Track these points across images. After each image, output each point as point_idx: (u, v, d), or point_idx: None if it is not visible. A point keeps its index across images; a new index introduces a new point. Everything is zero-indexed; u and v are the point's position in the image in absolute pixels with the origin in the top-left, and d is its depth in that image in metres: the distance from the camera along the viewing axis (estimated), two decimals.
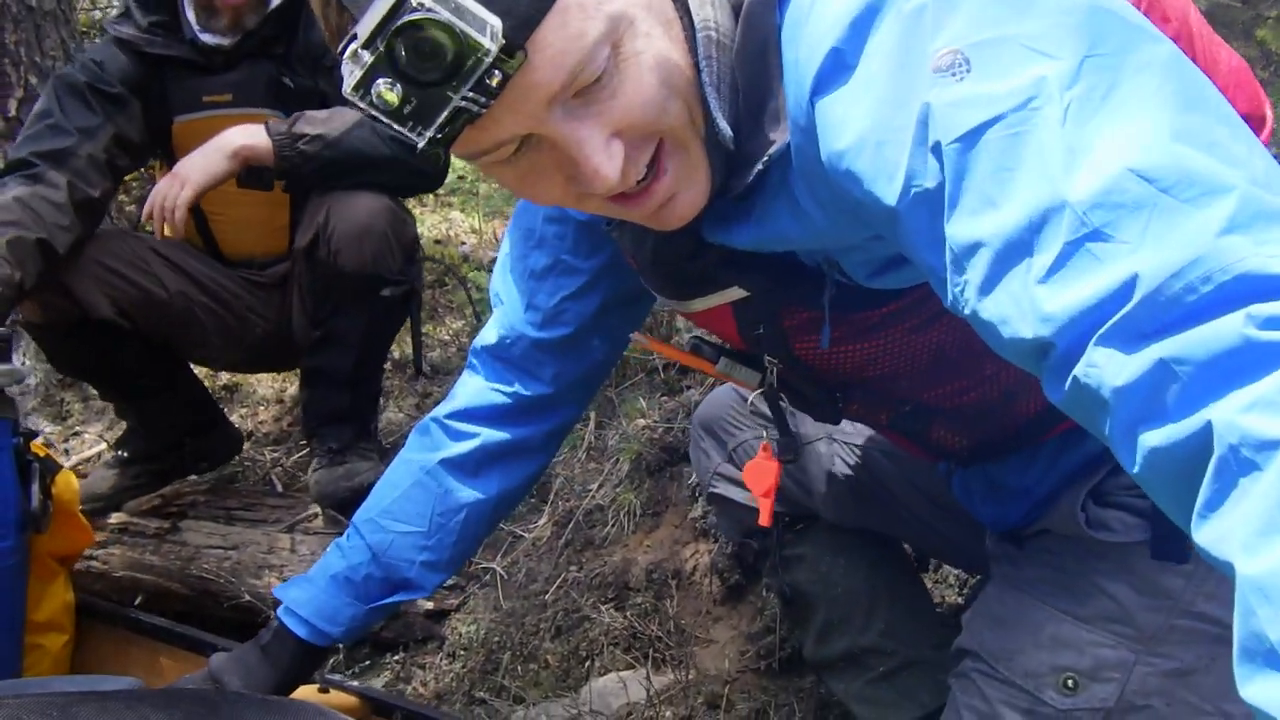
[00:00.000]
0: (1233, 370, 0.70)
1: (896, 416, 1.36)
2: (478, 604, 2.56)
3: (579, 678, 2.30)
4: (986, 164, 0.82)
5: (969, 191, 0.83)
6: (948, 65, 0.85)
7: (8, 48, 3.62)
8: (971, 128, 0.83)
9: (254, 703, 1.10)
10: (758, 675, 2.19)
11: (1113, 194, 0.77)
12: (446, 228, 4.36)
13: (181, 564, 2.74)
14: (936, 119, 0.85)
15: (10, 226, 2.34)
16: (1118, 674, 1.22)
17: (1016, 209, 0.80)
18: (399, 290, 2.64)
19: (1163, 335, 0.73)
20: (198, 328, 2.74)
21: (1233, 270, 0.72)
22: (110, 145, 2.58)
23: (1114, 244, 0.76)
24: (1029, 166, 0.80)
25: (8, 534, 2.05)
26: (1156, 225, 0.75)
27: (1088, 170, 0.78)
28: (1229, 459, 0.68)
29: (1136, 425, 0.74)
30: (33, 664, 2.20)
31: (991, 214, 0.82)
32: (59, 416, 3.68)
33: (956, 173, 0.83)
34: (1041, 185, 0.79)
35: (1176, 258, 0.73)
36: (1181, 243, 0.74)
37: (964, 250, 0.84)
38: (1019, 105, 0.81)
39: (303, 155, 2.46)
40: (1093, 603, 1.24)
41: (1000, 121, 0.82)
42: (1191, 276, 0.73)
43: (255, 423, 3.52)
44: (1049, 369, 0.82)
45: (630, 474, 2.62)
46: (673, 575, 2.40)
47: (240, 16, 2.60)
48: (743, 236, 1.08)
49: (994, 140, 0.82)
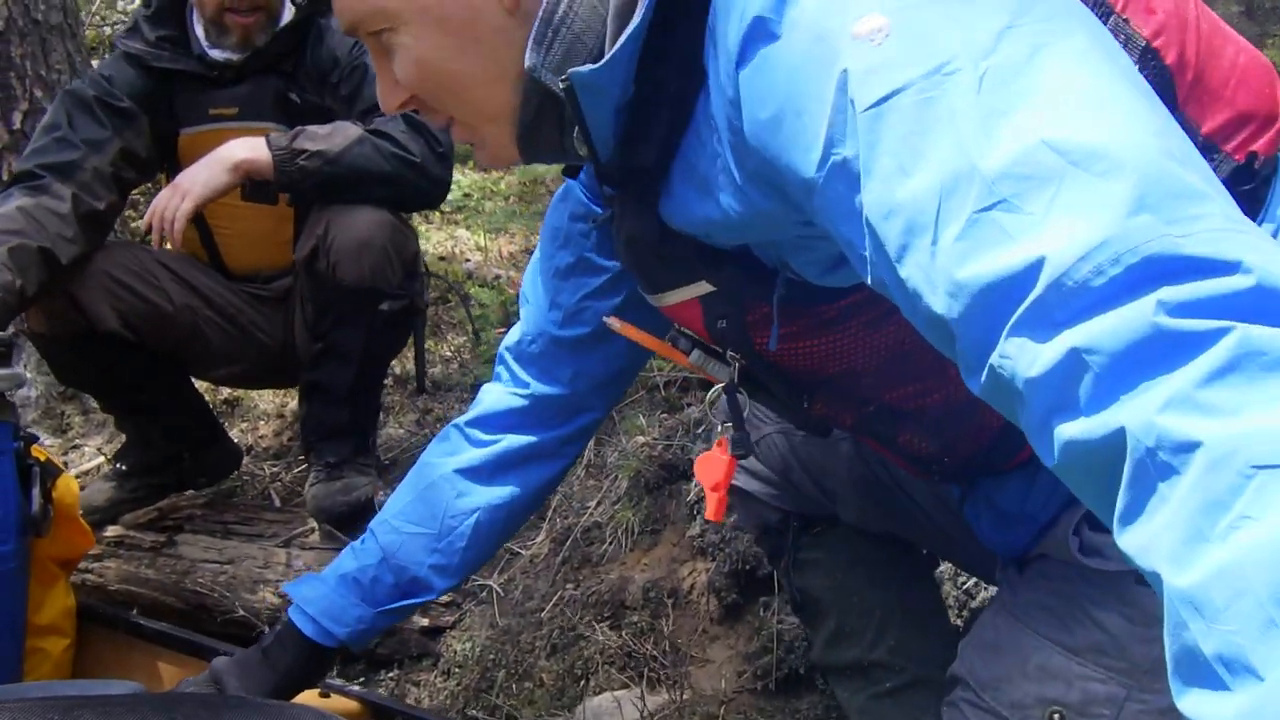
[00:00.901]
0: (1145, 360, 0.68)
1: (861, 418, 1.33)
2: (473, 621, 2.55)
3: (574, 697, 2.29)
4: (898, 130, 0.81)
5: (881, 159, 0.82)
6: (867, 32, 0.84)
7: (14, 61, 3.63)
8: (885, 94, 0.82)
9: (255, 707, 1.10)
10: (754, 696, 2.19)
11: (1022, 164, 0.76)
12: (452, 245, 4.37)
13: (177, 578, 2.73)
14: (853, 85, 0.84)
15: (13, 235, 2.36)
16: (1107, 710, 1.16)
17: (927, 176, 0.79)
18: (398, 305, 2.64)
19: (1073, 322, 0.71)
20: (202, 342, 2.75)
21: (1141, 252, 0.70)
22: (117, 159, 2.60)
23: (1020, 215, 0.75)
24: (940, 133, 0.80)
25: (8, 538, 2.04)
26: (1065, 199, 0.74)
27: (998, 139, 0.77)
28: (1146, 463, 0.66)
29: (1051, 417, 0.73)
30: (33, 668, 2.19)
31: (903, 181, 0.81)
32: (59, 429, 3.68)
33: (870, 141, 0.83)
34: (952, 152, 0.79)
35: (1084, 238, 0.71)
36: (1090, 221, 0.72)
37: (878, 219, 0.83)
38: (932, 70, 0.81)
39: (302, 171, 2.47)
40: (1083, 632, 1.19)
41: (912, 87, 0.81)
42: (1100, 259, 0.71)
43: (255, 437, 3.52)
44: (962, 357, 0.81)
45: (629, 491, 2.62)
46: (670, 594, 2.40)
47: (250, 34, 2.63)
48: (690, 216, 1.11)
49: (906, 106, 0.81)
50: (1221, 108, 1.12)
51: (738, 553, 2.29)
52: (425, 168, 2.55)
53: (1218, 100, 1.12)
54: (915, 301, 0.82)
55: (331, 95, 2.68)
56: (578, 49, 1.06)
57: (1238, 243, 0.70)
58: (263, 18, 2.63)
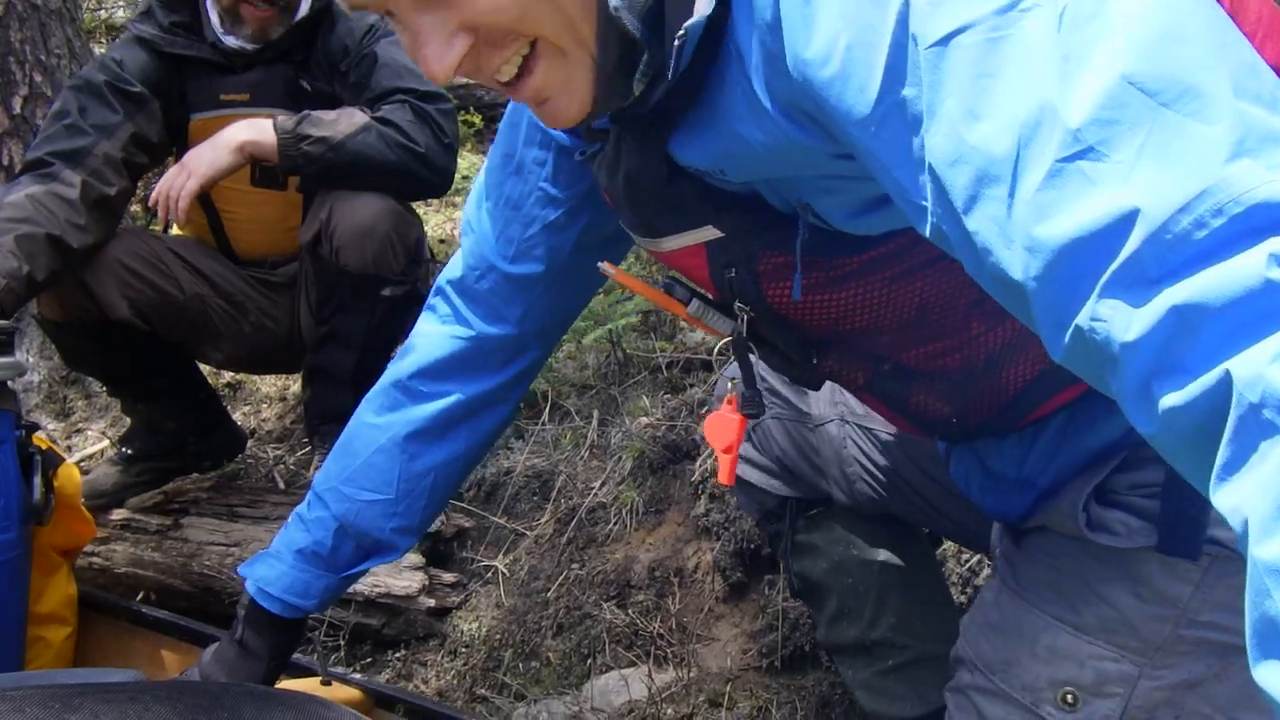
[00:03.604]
0: (1256, 317, 0.63)
1: (874, 377, 1.26)
2: (479, 602, 2.56)
3: (580, 675, 2.30)
4: (968, 70, 0.76)
5: (948, 100, 0.76)
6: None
7: (13, 46, 3.63)
8: (952, 29, 0.76)
9: (256, 695, 1.09)
10: (759, 673, 2.19)
11: (1108, 108, 0.70)
12: (451, 227, 4.36)
13: (183, 561, 2.74)
14: (915, 19, 0.78)
15: (20, 223, 2.36)
16: (1121, 689, 1.13)
17: (1001, 120, 0.74)
18: (401, 290, 2.64)
19: (1174, 279, 0.66)
20: (211, 329, 2.76)
21: (1246, 201, 0.65)
22: (128, 144, 2.60)
23: (1109, 164, 0.69)
24: (1016, 74, 0.74)
25: (10, 526, 2.05)
26: (1156, 144, 0.68)
27: (1081, 80, 0.71)
28: (1249, 419, 0.62)
29: (1150, 382, 0.68)
30: (35, 656, 2.20)
31: (973, 125, 0.75)
32: (62, 413, 3.69)
33: (934, 80, 0.77)
34: (1029, 95, 0.73)
35: (1183, 187, 0.66)
36: (1187, 169, 0.67)
37: (943, 166, 0.77)
38: (1006, 5, 0.75)
39: (306, 155, 2.47)
40: (1092, 611, 1.15)
41: (983, 23, 0.75)
42: (1200, 210, 0.65)
43: (258, 420, 3.52)
44: (1040, 319, 0.75)
45: (633, 472, 2.62)
46: (675, 573, 2.40)
47: (266, 28, 2.63)
48: (705, 147, 1.02)
49: (978, 44, 0.75)
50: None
51: (742, 532, 2.29)
52: (430, 157, 2.55)
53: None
54: (983, 258, 0.77)
55: (341, 83, 2.68)
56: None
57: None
58: (278, 11, 2.62)
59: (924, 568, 1.76)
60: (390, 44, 2.68)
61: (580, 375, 3.07)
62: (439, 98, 2.63)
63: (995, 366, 1.21)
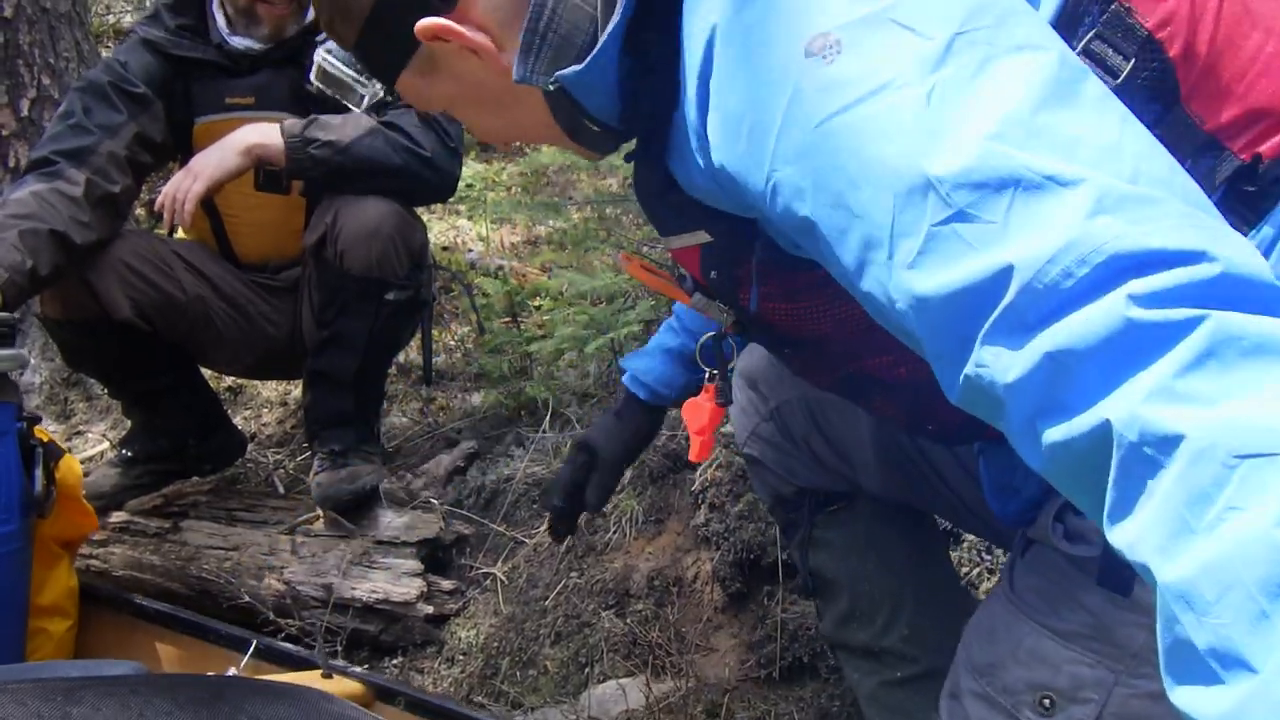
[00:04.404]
0: (1123, 355, 0.70)
1: (835, 380, 1.35)
2: (478, 609, 2.55)
3: (578, 684, 2.29)
4: (848, 145, 0.84)
5: (831, 174, 0.85)
6: (819, 49, 0.87)
7: (22, 48, 3.64)
8: (834, 110, 0.85)
9: (257, 688, 1.09)
10: (758, 684, 2.19)
11: (976, 173, 0.77)
12: (454, 235, 4.37)
13: (182, 564, 2.74)
14: (804, 104, 0.87)
15: (24, 219, 2.37)
16: (1096, 695, 1.13)
17: (878, 191, 0.81)
18: (404, 295, 2.65)
19: (1046, 324, 0.73)
20: (212, 332, 2.76)
21: (1106, 250, 0.72)
22: (132, 143, 2.61)
23: (980, 225, 0.77)
24: (891, 147, 0.82)
25: (11, 518, 2.05)
26: (1023, 206, 0.76)
27: (950, 150, 0.79)
28: (1131, 459, 0.68)
29: (1034, 421, 0.75)
30: (36, 648, 2.21)
31: (855, 195, 0.83)
32: (62, 415, 3.69)
33: (821, 157, 0.86)
34: (903, 165, 0.80)
35: (1050, 242, 0.74)
36: (1053, 226, 0.74)
37: (832, 235, 0.86)
38: (881, 86, 0.83)
39: (313, 159, 2.48)
40: (1072, 617, 1.16)
41: (862, 103, 0.83)
42: (1066, 261, 0.73)
43: (259, 424, 3.52)
44: (937, 365, 0.83)
45: (633, 480, 2.61)
46: (674, 582, 2.40)
47: (283, 25, 2.64)
48: (679, 170, 1.14)
49: (855, 122, 0.84)
50: (1232, 103, 1.07)
51: (742, 542, 2.28)
52: (435, 162, 2.56)
53: (1228, 95, 1.07)
54: (880, 312, 0.86)
55: None
56: (567, 49, 1.10)
57: (1200, 233, 0.72)
58: (295, 8, 2.63)
59: (943, 579, 1.74)
60: None
61: (581, 384, 3.07)
62: None
63: None
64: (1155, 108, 1.07)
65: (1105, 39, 1.06)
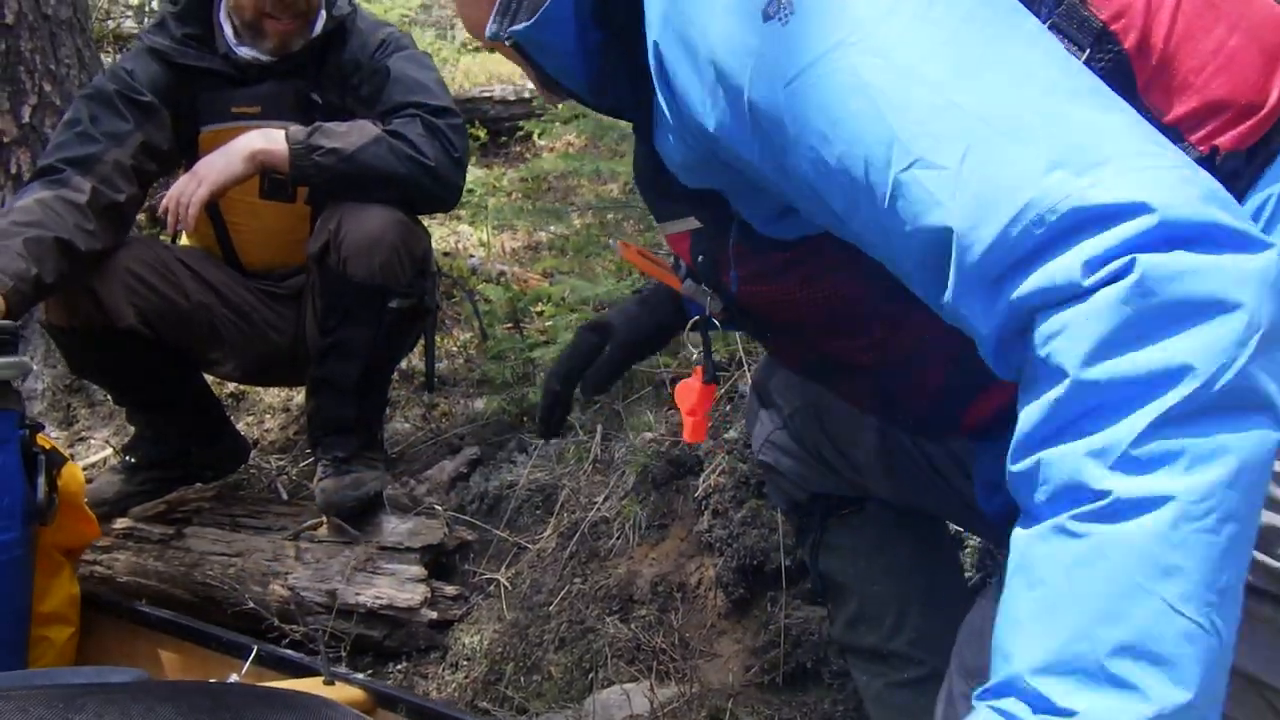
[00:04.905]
0: (1075, 325, 0.78)
1: (806, 364, 1.39)
2: (481, 615, 2.55)
3: (582, 689, 2.29)
4: (815, 101, 0.90)
5: (805, 130, 0.91)
6: (775, 12, 0.92)
7: (23, 55, 3.65)
8: (796, 72, 0.91)
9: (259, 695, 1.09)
10: (761, 689, 2.18)
11: (933, 121, 0.84)
12: (455, 240, 4.38)
13: (185, 570, 2.74)
14: (768, 67, 0.93)
15: (29, 227, 2.37)
16: None
17: (848, 143, 0.88)
18: (407, 303, 2.65)
19: (1011, 279, 0.81)
20: (216, 339, 2.76)
21: (1061, 208, 0.79)
22: (138, 151, 2.62)
23: (939, 172, 0.84)
24: (853, 100, 0.88)
25: (14, 526, 2.05)
26: (979, 156, 0.83)
27: (907, 100, 0.86)
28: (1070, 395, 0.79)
29: (994, 361, 0.88)
30: (38, 656, 2.21)
31: (829, 148, 0.90)
32: (65, 421, 3.69)
33: (793, 115, 0.92)
34: (868, 118, 0.87)
35: (1010, 200, 0.81)
36: (1008, 181, 0.81)
37: (815, 182, 0.93)
38: (836, 44, 0.89)
39: (317, 166, 2.49)
40: None
41: (819, 61, 0.89)
42: (1026, 220, 0.80)
43: (261, 431, 3.52)
44: (918, 288, 0.92)
45: (636, 487, 2.61)
46: (678, 588, 2.40)
47: (288, 40, 2.65)
48: (663, 150, 1.18)
49: (818, 80, 0.89)
50: (1190, 95, 1.09)
51: (745, 548, 2.28)
52: (439, 171, 2.56)
53: (1186, 88, 1.09)
54: (874, 251, 0.93)
55: (353, 96, 2.70)
56: (533, 8, 1.13)
57: (1142, 179, 0.79)
58: (301, 24, 2.64)
59: (951, 583, 1.75)
60: (402, 59, 2.70)
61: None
62: (450, 112, 2.65)
63: (907, 367, 1.28)
64: None
65: (1060, 29, 1.08)
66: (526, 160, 4.99)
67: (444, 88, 2.74)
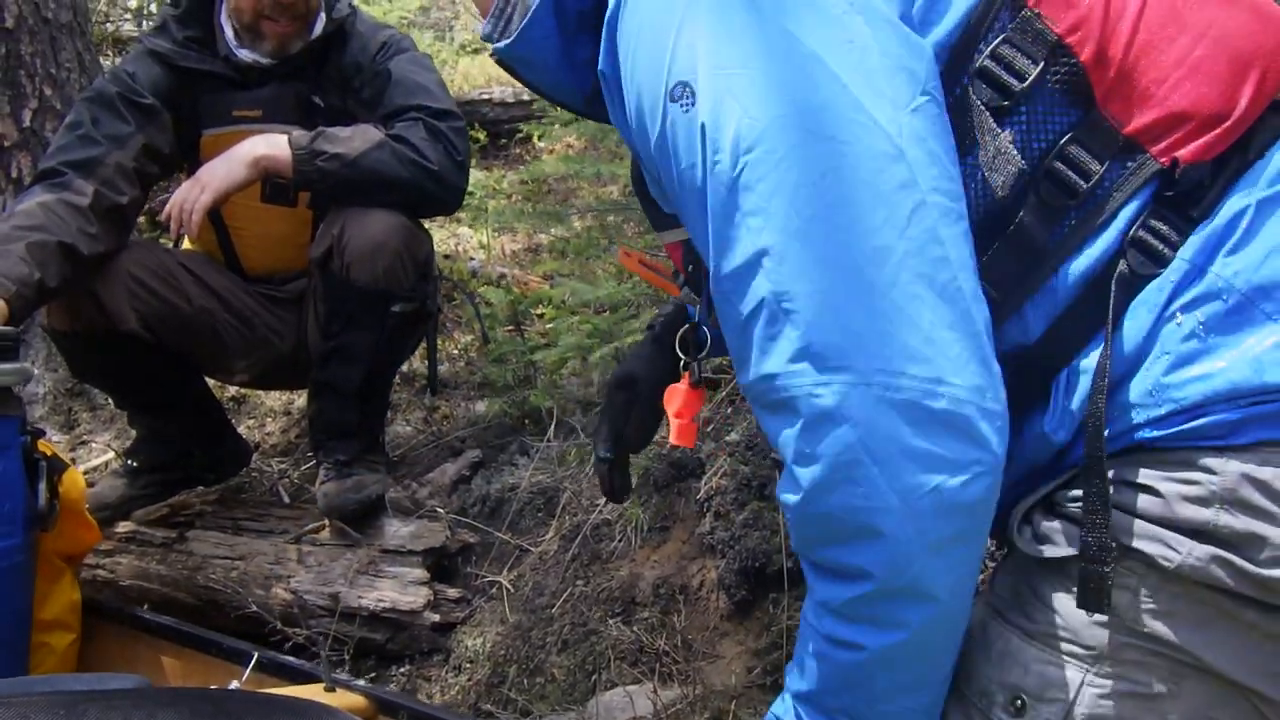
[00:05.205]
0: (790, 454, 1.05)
1: None
2: (484, 617, 2.55)
3: (585, 691, 2.29)
4: (686, 194, 1.09)
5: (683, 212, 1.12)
6: (679, 97, 1.05)
7: (24, 59, 3.65)
8: (680, 169, 1.07)
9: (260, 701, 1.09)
10: (764, 691, 2.18)
11: (738, 274, 1.04)
12: (455, 243, 4.37)
13: (188, 573, 2.74)
14: (667, 139, 1.08)
15: (32, 230, 2.37)
16: (1063, 695, 1.12)
17: (701, 226, 1.09)
18: (410, 307, 2.65)
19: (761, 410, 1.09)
20: (218, 343, 2.76)
21: (787, 392, 1.03)
22: (140, 154, 2.61)
23: (734, 308, 1.07)
24: (708, 218, 1.06)
25: (15, 532, 2.05)
26: (763, 322, 1.03)
27: (732, 239, 1.04)
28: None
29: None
30: (39, 662, 2.20)
31: (690, 222, 1.13)
32: (67, 425, 3.69)
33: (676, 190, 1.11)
34: (703, 228, 1.07)
35: (768, 364, 1.03)
36: (773, 350, 1.03)
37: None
38: (708, 158, 1.03)
39: (320, 171, 2.49)
40: (1040, 617, 1.15)
41: (694, 167, 1.05)
42: (776, 384, 1.03)
43: (262, 434, 3.52)
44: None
45: (638, 489, 2.61)
46: (680, 590, 2.39)
47: (286, 42, 2.65)
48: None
49: (689, 180, 1.06)
50: (1151, 107, 1.10)
51: (747, 550, 2.28)
52: (442, 175, 2.56)
53: (1147, 99, 1.10)
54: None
55: (354, 99, 2.70)
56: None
57: (844, 401, 1.00)
58: (299, 26, 2.64)
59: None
60: (404, 61, 2.70)
61: (585, 392, 3.07)
62: (452, 115, 2.65)
63: None
64: (1076, 111, 1.11)
65: (1014, 44, 1.10)
66: (526, 162, 4.99)
67: (445, 90, 2.75)
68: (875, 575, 1.03)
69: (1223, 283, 1.06)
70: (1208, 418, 1.05)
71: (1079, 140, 1.11)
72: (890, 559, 1.03)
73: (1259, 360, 1.03)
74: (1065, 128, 1.11)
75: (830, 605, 1.09)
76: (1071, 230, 1.12)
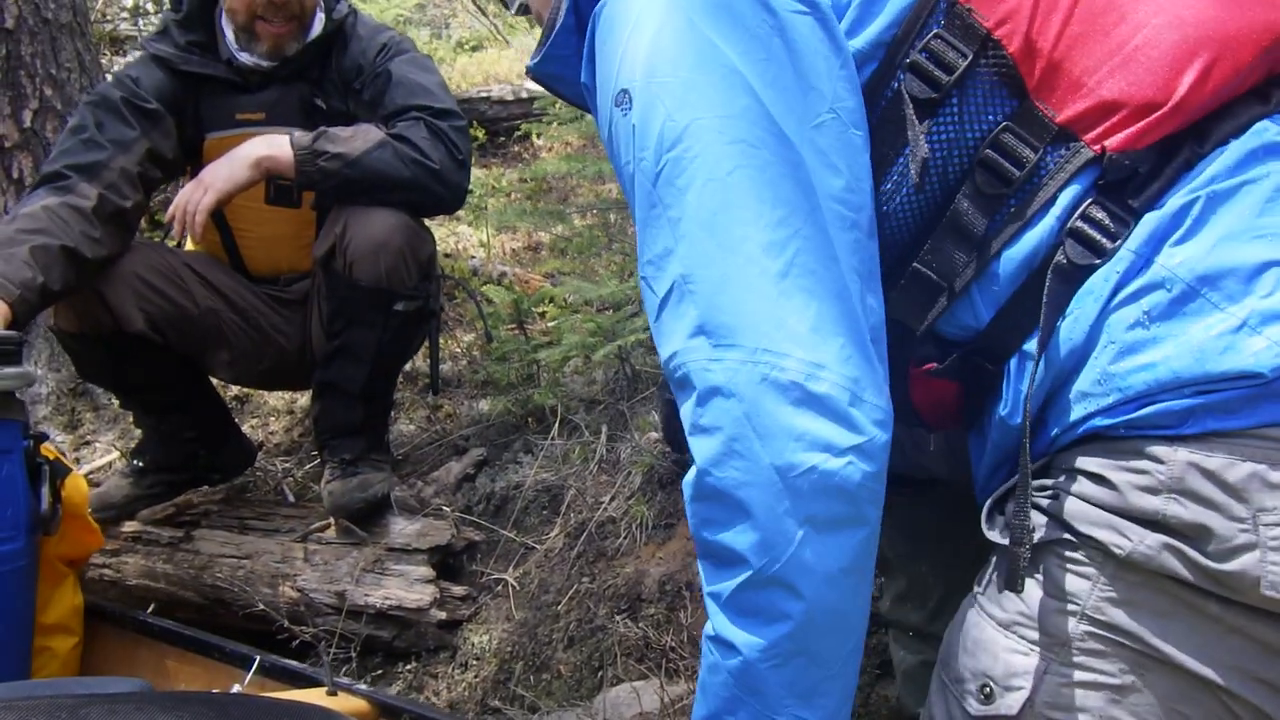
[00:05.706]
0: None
1: None
2: (490, 614, 2.55)
3: (592, 687, 2.29)
4: (627, 190, 1.18)
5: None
6: (620, 103, 1.14)
7: (24, 60, 3.64)
8: (620, 167, 1.17)
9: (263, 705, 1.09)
10: None
11: (659, 264, 1.12)
12: (455, 241, 4.37)
13: (195, 573, 2.74)
14: (614, 144, 1.19)
15: (36, 234, 2.37)
16: (1025, 683, 1.14)
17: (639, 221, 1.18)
18: (413, 306, 2.65)
19: (675, 389, 1.14)
20: (224, 344, 2.76)
21: (686, 369, 1.09)
22: (144, 159, 2.61)
23: (653, 296, 1.15)
24: (638, 209, 1.15)
25: (17, 536, 2.05)
26: (671, 304, 1.11)
27: (654, 232, 1.12)
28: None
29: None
30: (41, 666, 2.20)
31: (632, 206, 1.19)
32: (70, 425, 3.69)
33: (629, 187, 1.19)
34: (638, 216, 1.16)
35: (670, 343, 1.11)
36: (674, 330, 1.11)
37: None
38: (636, 155, 1.13)
39: (322, 171, 2.48)
40: (1009, 605, 1.18)
41: (629, 164, 1.15)
42: (674, 363, 1.11)
43: (266, 433, 3.52)
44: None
45: (642, 486, 2.61)
46: (686, 586, 2.39)
47: (281, 44, 2.65)
48: None
49: (626, 177, 1.16)
50: (1082, 96, 1.12)
51: None
52: (444, 174, 2.56)
53: (1078, 89, 1.12)
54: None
55: (355, 100, 2.70)
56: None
57: (733, 377, 1.06)
58: (295, 27, 2.64)
59: None
60: (404, 62, 2.69)
61: (589, 390, 3.06)
62: (453, 115, 2.64)
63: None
64: (1012, 102, 1.15)
65: (945, 38, 1.14)
66: (525, 161, 4.98)
67: (446, 90, 2.74)
68: (749, 560, 1.06)
69: (1167, 273, 1.07)
70: (1156, 406, 1.06)
71: (1012, 130, 1.14)
72: (762, 541, 1.06)
73: (1202, 349, 1.04)
74: (1002, 118, 1.15)
75: (720, 599, 1.10)
76: (1009, 217, 1.15)
